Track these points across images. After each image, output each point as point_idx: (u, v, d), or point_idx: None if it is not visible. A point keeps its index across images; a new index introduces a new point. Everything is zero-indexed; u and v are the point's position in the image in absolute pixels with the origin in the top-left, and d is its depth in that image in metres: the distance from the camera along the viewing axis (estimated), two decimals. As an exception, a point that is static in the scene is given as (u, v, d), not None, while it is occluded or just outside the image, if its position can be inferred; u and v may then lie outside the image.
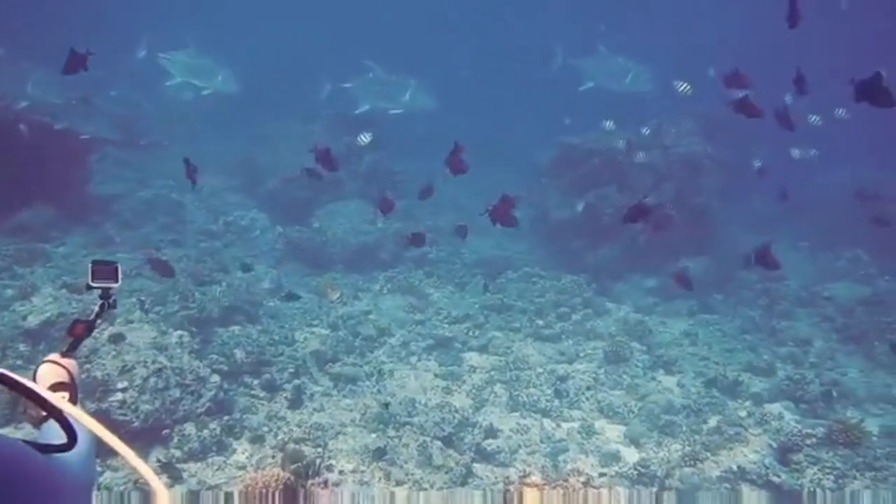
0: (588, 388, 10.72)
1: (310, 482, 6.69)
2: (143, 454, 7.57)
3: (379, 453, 8.36)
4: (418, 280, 14.37)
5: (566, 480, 6.11)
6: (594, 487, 6.05)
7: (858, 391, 11.60)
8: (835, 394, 11.05)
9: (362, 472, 8.08)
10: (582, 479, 6.15)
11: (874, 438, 9.59)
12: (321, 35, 34.84)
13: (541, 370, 11.11)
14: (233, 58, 17.64)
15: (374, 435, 8.85)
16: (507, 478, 7.84)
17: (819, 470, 8.38)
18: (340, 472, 7.98)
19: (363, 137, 12.15)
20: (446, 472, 8.15)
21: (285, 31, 35.07)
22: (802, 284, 15.79)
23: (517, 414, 10.00)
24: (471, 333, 12.27)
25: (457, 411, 9.40)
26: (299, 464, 7.02)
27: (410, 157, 19.57)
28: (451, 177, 9.41)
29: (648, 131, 17.07)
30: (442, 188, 19.99)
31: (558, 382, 10.77)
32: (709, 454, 8.58)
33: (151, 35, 16.66)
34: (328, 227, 15.64)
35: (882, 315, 13.85)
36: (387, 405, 9.52)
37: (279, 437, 8.57)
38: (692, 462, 8.39)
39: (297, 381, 9.95)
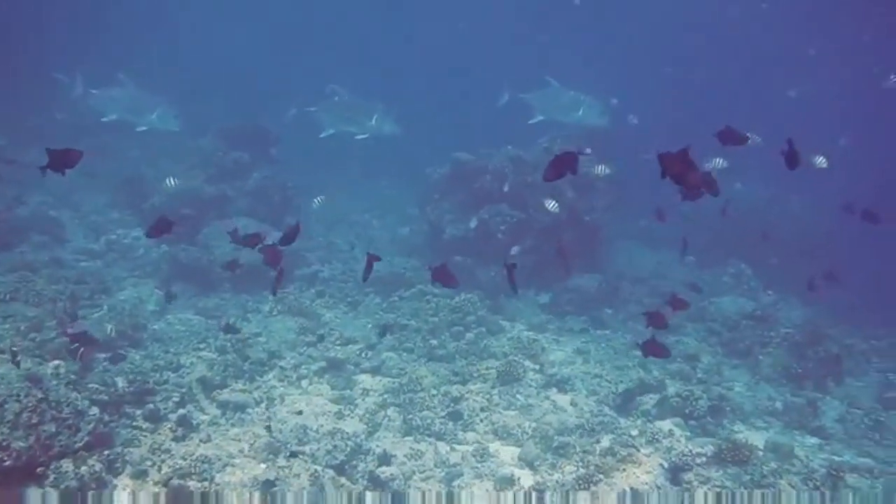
0: (482, 410, 10.65)
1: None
2: (16, 494, 7.16)
3: (268, 485, 8.09)
4: (309, 300, 14.09)
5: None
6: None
7: (745, 405, 11.89)
8: (728, 409, 11.32)
9: (251, 508, 7.80)
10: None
11: (760, 453, 9.83)
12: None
13: (434, 392, 10.98)
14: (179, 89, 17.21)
15: (263, 466, 8.58)
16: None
17: (709, 489, 8.51)
18: (227, 509, 7.68)
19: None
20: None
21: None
22: (690, 299, 16.12)
23: (411, 438, 9.86)
24: (363, 355, 12.07)
25: (349, 438, 9.21)
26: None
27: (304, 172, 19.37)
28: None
29: (545, 146, 17.26)
30: (336, 201, 19.88)
31: (452, 404, 10.68)
32: (602, 476, 8.59)
33: (90, 69, 16.11)
34: (215, 245, 15.18)
35: (766, 329, 14.27)
36: (268, 428, 9.31)
37: (163, 472, 8.19)
38: (586, 485, 8.39)
39: (182, 411, 9.58)
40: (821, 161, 10.27)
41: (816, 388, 12.99)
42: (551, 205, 12.19)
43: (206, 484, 7.96)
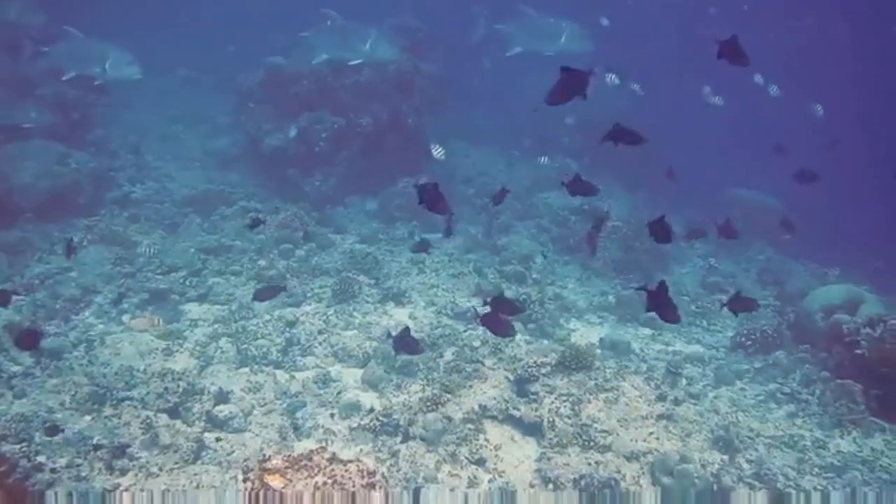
0: (320, 332, 10.24)
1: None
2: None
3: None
4: (123, 226, 13.07)
5: (310, 459, 5.62)
6: (341, 462, 5.63)
7: (579, 302, 12.03)
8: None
9: (79, 465, 7.14)
10: (326, 456, 5.68)
11: (598, 351, 9.96)
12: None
13: (268, 317, 10.49)
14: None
15: (88, 418, 7.90)
16: (247, 463, 7.21)
17: (556, 398, 8.52)
18: (52, 471, 6.99)
19: None
20: (175, 451, 7.43)
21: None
22: (518, 196, 16.13)
23: (247, 370, 9.35)
24: (188, 283, 11.35)
25: (181, 377, 8.61)
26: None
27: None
28: None
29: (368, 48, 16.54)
30: (137, 116, 18.53)
31: (288, 329, 10.23)
32: (450, 395, 8.42)
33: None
34: (10, 171, 13.74)
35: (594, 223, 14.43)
36: None
37: (-28, 438, 7.38)
38: (434, 406, 8.20)
39: (-11, 364, 8.70)
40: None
41: (646, 277, 13.30)
42: (438, 151, 11.56)
43: (24, 446, 7.21)
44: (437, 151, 10.89)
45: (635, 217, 14.51)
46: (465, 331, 10.40)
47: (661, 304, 5.92)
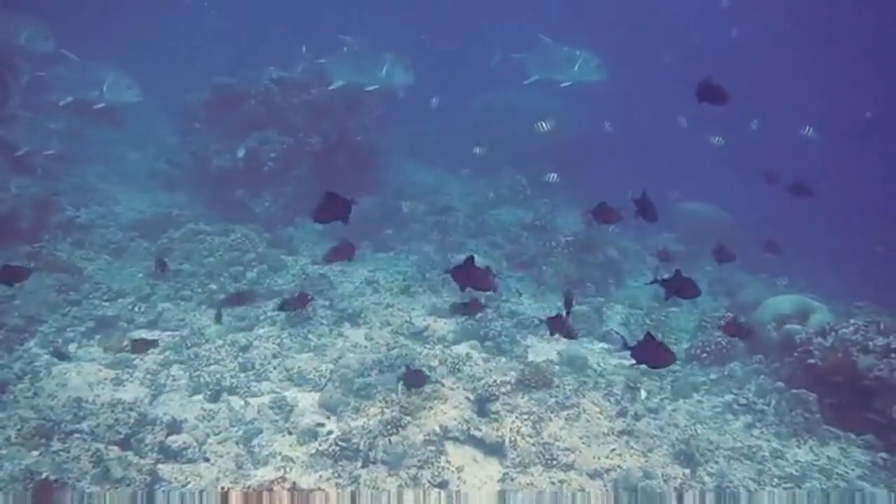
0: (274, 356, 10.05)
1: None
2: None
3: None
4: (67, 252, 12.73)
5: (270, 490, 5.46)
6: (299, 490, 5.48)
7: (535, 320, 11.99)
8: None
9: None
10: (287, 485, 5.53)
11: (556, 367, 9.91)
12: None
13: (221, 342, 10.27)
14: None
15: (35, 453, 7.62)
16: (203, 491, 7.01)
17: (517, 417, 8.45)
18: (-2, 510, 6.73)
19: None
20: (128, 484, 7.20)
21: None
22: (469, 213, 16.09)
23: (200, 397, 9.13)
24: (136, 309, 11.08)
25: (132, 407, 8.36)
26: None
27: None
28: None
29: (307, 57, 16.46)
30: (91, 137, 18.12)
31: (241, 353, 10.03)
32: (409, 418, 8.29)
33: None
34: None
35: (546, 238, 14.45)
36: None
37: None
38: (394, 428, 8.06)
39: (-73, 400, 8.37)
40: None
41: (599, 292, 13.34)
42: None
43: (-32, 485, 6.93)
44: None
45: (584, 232, 14.54)
46: (423, 350, 10.30)
47: (649, 353, 5.93)
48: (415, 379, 7.92)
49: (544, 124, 12.93)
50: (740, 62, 24.71)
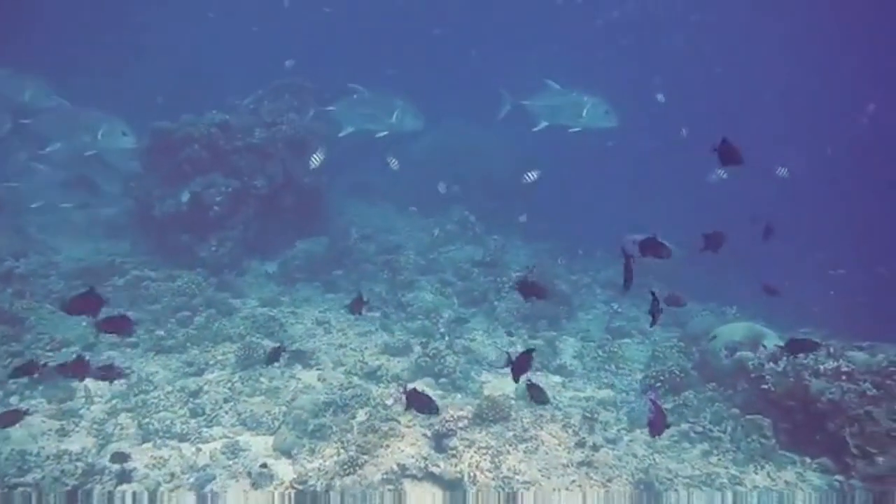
0: (226, 401, 9.84)
1: None
2: None
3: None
4: (8, 303, 12.38)
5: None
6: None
7: (489, 354, 11.95)
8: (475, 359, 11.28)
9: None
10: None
11: (513, 401, 9.85)
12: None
13: (170, 388, 10.03)
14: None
15: (-23, 510, 7.33)
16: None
17: (475, 452, 8.36)
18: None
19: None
20: (77, 538, 6.95)
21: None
22: (419, 251, 16.07)
23: (150, 444, 8.87)
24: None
25: (79, 458, 8.10)
26: None
27: None
28: None
29: (251, 107, 16.42)
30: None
31: (191, 399, 9.79)
32: (366, 457, 8.15)
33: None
34: None
35: (497, 274, 14.46)
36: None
37: None
38: (351, 469, 7.91)
39: None
40: None
41: (551, 326, 13.34)
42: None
43: None
44: None
45: (539, 266, 14.60)
46: (378, 389, 10.18)
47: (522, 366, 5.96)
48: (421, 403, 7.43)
49: (530, 175, 12.90)
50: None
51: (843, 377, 9.45)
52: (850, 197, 22.34)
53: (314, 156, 11.97)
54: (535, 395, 7.25)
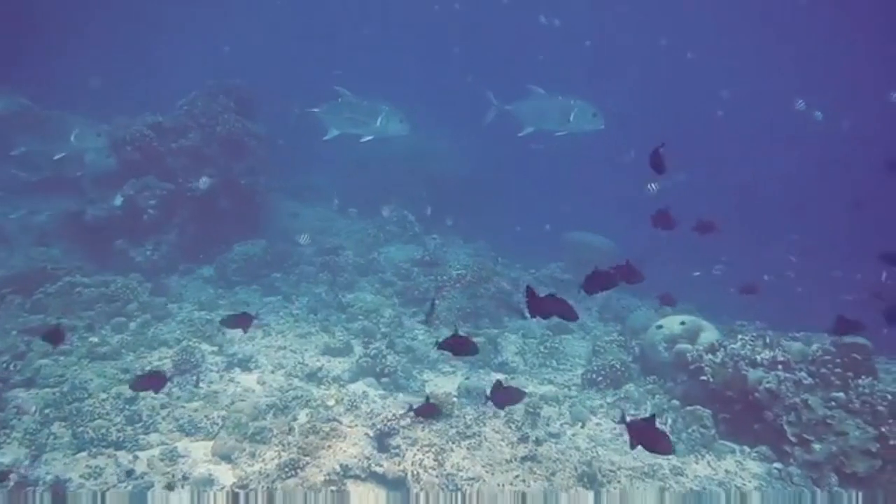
0: (163, 406, 9.63)
1: None
2: None
3: None
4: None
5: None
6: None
7: (431, 353, 11.90)
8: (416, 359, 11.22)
9: None
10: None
11: (455, 400, 9.82)
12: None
13: (105, 395, 9.79)
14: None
15: None
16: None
17: (418, 450, 8.31)
18: None
19: None
20: (9, 551, 6.74)
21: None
22: (358, 252, 15.97)
23: (85, 454, 8.63)
24: (12, 367, 10.47)
25: (10, 470, 7.86)
26: None
27: None
28: None
29: (185, 108, 16.17)
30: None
31: (127, 406, 9.57)
32: (308, 458, 8.04)
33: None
34: None
35: (438, 273, 14.42)
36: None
37: None
38: (292, 471, 7.80)
39: None
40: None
41: (493, 323, 13.35)
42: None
43: None
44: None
45: (478, 264, 14.57)
46: (318, 391, 10.07)
47: (647, 437, 5.77)
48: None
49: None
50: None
51: (780, 366, 9.61)
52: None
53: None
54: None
